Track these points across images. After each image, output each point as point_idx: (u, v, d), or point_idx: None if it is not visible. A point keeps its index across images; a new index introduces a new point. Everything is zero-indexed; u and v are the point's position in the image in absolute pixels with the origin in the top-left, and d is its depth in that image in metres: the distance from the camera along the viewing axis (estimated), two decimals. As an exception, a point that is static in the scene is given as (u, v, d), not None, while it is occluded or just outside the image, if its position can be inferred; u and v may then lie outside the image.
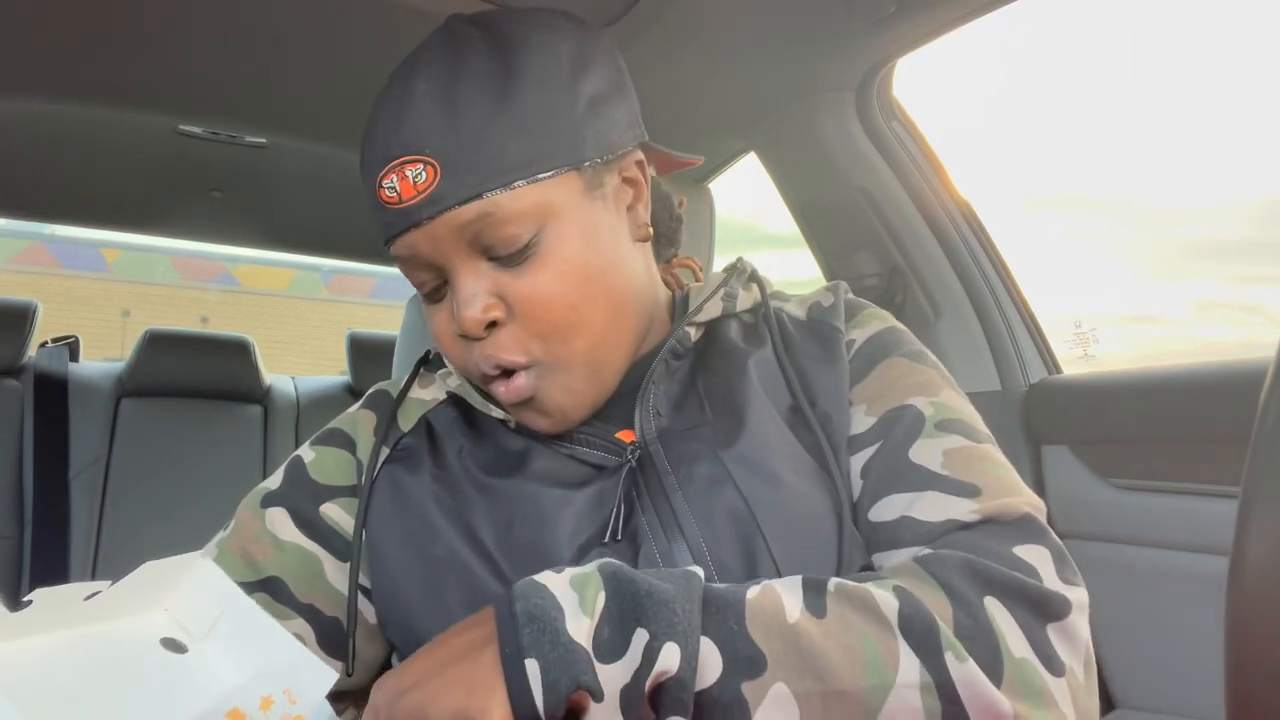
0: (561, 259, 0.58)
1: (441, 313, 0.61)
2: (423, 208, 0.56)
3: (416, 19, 1.11)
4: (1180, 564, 1.10)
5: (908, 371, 0.63)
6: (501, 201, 0.56)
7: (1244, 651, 0.34)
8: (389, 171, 0.57)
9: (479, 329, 0.58)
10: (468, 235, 0.57)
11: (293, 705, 0.45)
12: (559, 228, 0.58)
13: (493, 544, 0.60)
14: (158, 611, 0.49)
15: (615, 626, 0.44)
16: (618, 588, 0.45)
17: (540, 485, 0.61)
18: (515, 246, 0.57)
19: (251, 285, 12.95)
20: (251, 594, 0.62)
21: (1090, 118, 25.35)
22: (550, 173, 0.57)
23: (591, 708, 0.43)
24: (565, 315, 0.58)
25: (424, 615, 0.60)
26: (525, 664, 0.42)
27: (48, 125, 1.56)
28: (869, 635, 0.47)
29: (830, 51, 1.20)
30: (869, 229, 1.39)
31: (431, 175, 0.56)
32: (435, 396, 0.70)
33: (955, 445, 0.58)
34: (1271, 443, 0.34)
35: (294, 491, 0.66)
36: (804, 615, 0.47)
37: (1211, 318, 9.82)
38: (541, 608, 0.44)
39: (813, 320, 0.69)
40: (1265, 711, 0.32)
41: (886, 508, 0.57)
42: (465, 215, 0.56)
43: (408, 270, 0.61)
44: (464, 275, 0.58)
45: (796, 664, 0.45)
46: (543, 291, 0.57)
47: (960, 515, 0.54)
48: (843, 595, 0.48)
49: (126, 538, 2.04)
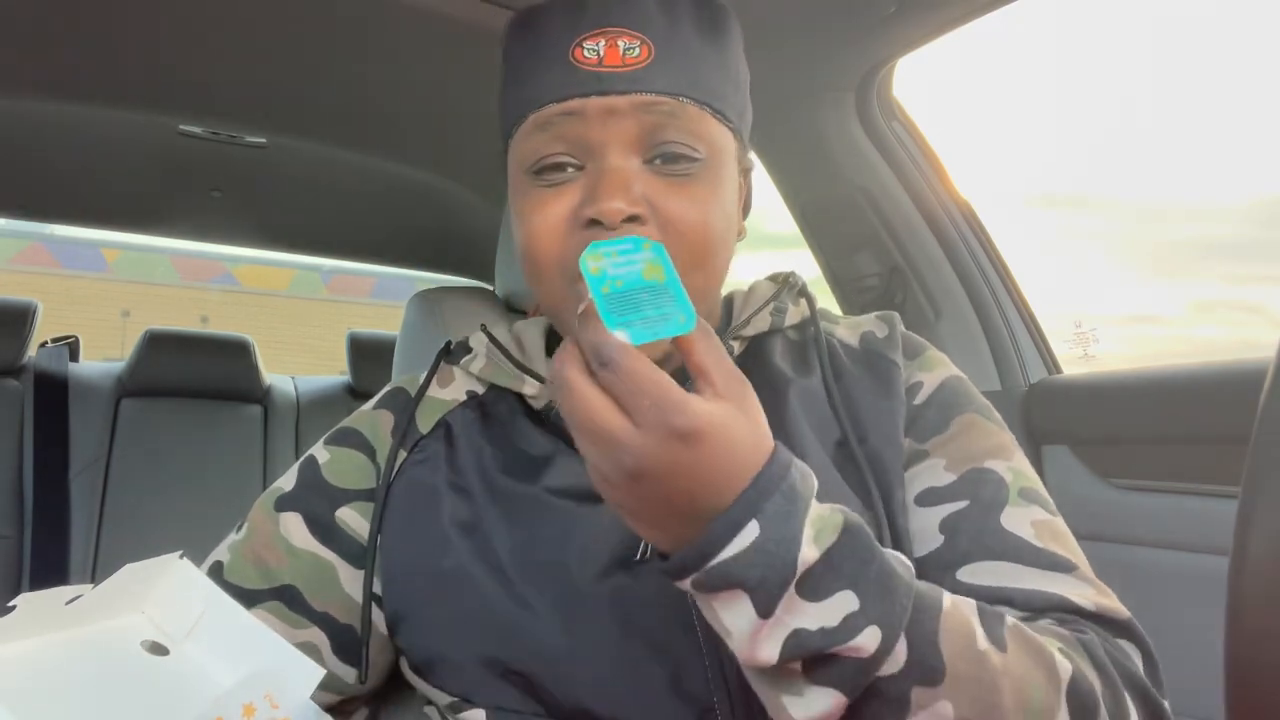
0: (714, 194, 0.59)
1: (559, 198, 0.58)
2: (622, 80, 0.56)
3: (417, 19, 1.11)
4: (1180, 564, 1.10)
5: (987, 432, 0.62)
6: (691, 112, 0.58)
7: (1244, 651, 0.34)
8: (599, 35, 0.57)
9: (618, 218, 0.54)
10: (645, 125, 0.57)
11: (275, 710, 0.45)
12: (717, 168, 0.59)
13: (508, 559, 0.58)
14: (137, 614, 0.49)
15: (823, 574, 0.42)
16: (848, 540, 0.43)
17: (562, 500, 0.59)
18: (681, 160, 0.57)
19: (251, 285, 12.95)
20: (265, 602, 0.62)
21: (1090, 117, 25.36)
22: (728, 120, 0.60)
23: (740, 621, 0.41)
24: (704, 245, 0.58)
25: (429, 629, 0.59)
26: (747, 522, 0.41)
27: (48, 125, 1.56)
28: (1039, 687, 0.46)
29: (830, 51, 1.20)
30: (869, 229, 1.38)
31: (646, 54, 0.57)
32: (455, 397, 0.68)
33: (1041, 518, 0.58)
34: (1271, 443, 0.34)
35: (308, 495, 0.65)
36: (990, 645, 0.46)
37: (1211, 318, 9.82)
38: (800, 493, 0.43)
39: (866, 351, 0.67)
40: (1265, 711, 0.32)
41: (982, 572, 0.56)
42: (658, 105, 0.57)
43: (543, 140, 0.58)
44: (620, 160, 0.57)
45: (970, 690, 0.44)
46: (694, 212, 0.57)
47: (1073, 597, 0.54)
48: (1021, 638, 0.47)
49: (126, 538, 2.04)
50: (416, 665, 0.61)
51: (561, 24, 0.58)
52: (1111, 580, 0.57)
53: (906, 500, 0.61)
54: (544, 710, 0.56)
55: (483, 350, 0.68)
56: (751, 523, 0.41)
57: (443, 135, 1.52)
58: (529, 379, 0.64)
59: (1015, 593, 0.54)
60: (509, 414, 0.66)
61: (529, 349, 0.69)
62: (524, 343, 0.69)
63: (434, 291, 1.17)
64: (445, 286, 1.19)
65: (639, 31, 0.57)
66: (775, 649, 0.42)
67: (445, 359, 0.71)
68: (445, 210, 1.91)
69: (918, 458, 0.62)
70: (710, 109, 0.59)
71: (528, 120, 0.59)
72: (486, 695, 0.57)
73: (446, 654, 0.58)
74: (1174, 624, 1.11)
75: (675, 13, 0.59)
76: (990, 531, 0.57)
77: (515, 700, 0.56)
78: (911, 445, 0.62)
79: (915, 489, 0.61)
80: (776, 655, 0.42)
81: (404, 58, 1.23)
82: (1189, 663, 0.98)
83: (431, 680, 0.60)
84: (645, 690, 0.54)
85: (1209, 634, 0.47)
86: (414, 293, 1.18)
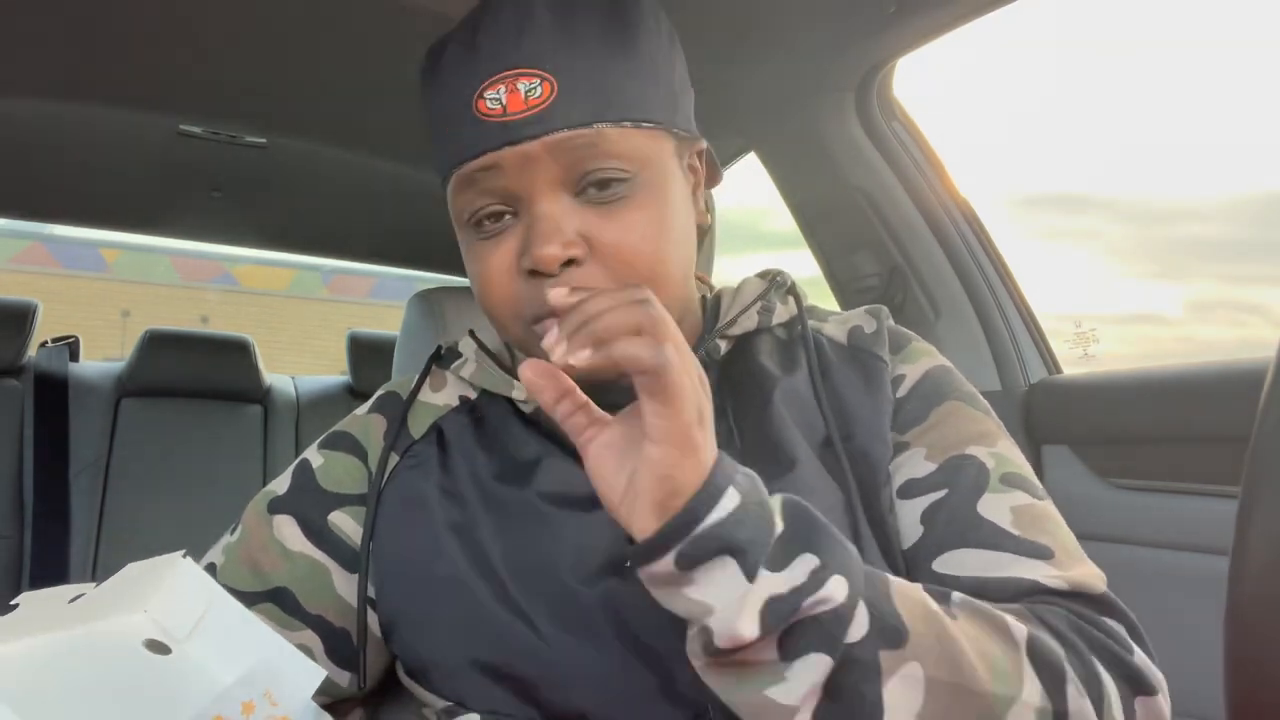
0: (652, 209, 0.57)
1: (498, 248, 0.57)
2: (529, 124, 0.54)
3: (416, 19, 1.11)
4: (1180, 564, 1.10)
5: (968, 419, 0.62)
6: (609, 135, 0.55)
7: (1244, 651, 0.34)
8: (497, 82, 0.55)
9: (555, 265, 0.54)
10: (564, 163, 0.55)
11: (274, 707, 0.45)
12: (652, 179, 0.57)
13: (500, 564, 0.58)
14: (139, 613, 0.49)
15: (782, 546, 0.43)
16: (795, 512, 0.45)
17: (553, 506, 0.59)
18: (612, 184, 0.55)
19: (251, 285, 12.95)
20: (259, 604, 0.62)
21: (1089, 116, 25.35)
22: (654, 124, 0.58)
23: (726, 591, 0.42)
24: (650, 266, 0.56)
25: (423, 633, 0.59)
26: (727, 488, 0.43)
27: (48, 125, 1.56)
28: (998, 646, 0.46)
29: (830, 51, 1.20)
30: (869, 229, 1.38)
31: (548, 92, 0.54)
32: (447, 402, 0.68)
33: (1021, 503, 0.57)
34: (1271, 443, 0.34)
35: (302, 499, 0.65)
36: (940, 609, 0.46)
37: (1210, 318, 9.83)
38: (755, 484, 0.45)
39: (854, 347, 0.66)
40: (1265, 711, 0.32)
41: (957, 561, 0.56)
42: (573, 140, 0.54)
43: (471, 196, 0.58)
44: (548, 204, 0.55)
45: (933, 649, 0.44)
46: (634, 236, 0.55)
47: (1044, 580, 0.53)
48: (970, 607, 0.48)
49: (126, 538, 2.04)
50: (411, 669, 0.61)
51: (460, 74, 0.57)
52: (1111, 580, 0.57)
53: (893, 495, 0.60)
54: (538, 714, 0.56)
55: (472, 355, 0.68)
56: (730, 488, 0.43)
57: (443, 135, 1.52)
58: (518, 383, 0.64)
59: (990, 581, 0.54)
60: (500, 419, 0.65)
61: (517, 354, 0.69)
62: (512, 348, 0.69)
63: (434, 291, 1.17)
64: (445, 286, 1.19)
65: (536, 69, 0.55)
66: (755, 620, 0.42)
67: (436, 364, 0.71)
68: (445, 211, 1.90)
69: (899, 449, 0.61)
70: (631, 122, 0.56)
71: (453, 176, 0.58)
72: (480, 699, 0.57)
73: (440, 658, 0.58)
74: (1174, 624, 1.11)
75: (573, 28, 0.56)
76: (965, 520, 0.57)
77: (509, 704, 0.56)
78: (894, 438, 0.62)
79: (898, 481, 0.60)
80: (757, 627, 0.42)
81: (403, 58, 1.23)
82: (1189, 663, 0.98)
83: (426, 684, 0.60)
84: (638, 694, 0.54)
85: (1209, 634, 0.47)
86: (414, 293, 1.18)
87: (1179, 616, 1.11)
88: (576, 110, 0.55)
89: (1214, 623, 0.35)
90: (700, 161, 0.65)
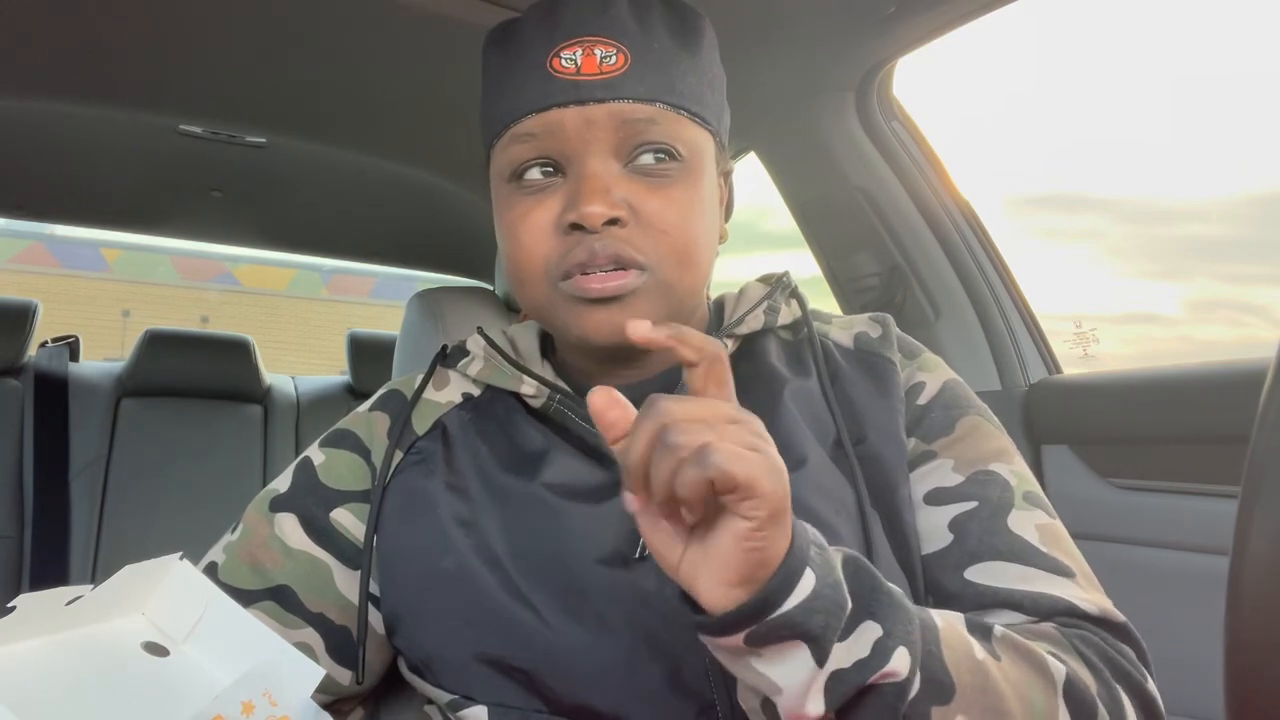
0: (694, 195, 0.60)
1: (540, 204, 0.59)
2: (600, 88, 0.57)
3: (416, 19, 1.11)
4: (1180, 564, 1.10)
5: (988, 435, 0.63)
6: (668, 117, 0.59)
7: (1244, 652, 0.34)
8: (575, 44, 0.58)
9: (599, 221, 0.56)
10: (623, 133, 0.58)
11: (274, 707, 0.45)
12: (695, 170, 0.60)
13: (506, 556, 0.58)
14: (137, 615, 0.49)
15: (855, 611, 0.42)
16: (856, 572, 0.44)
17: (560, 497, 0.60)
18: (667, 159, 0.58)
19: (251, 285, 12.96)
20: (260, 602, 0.62)
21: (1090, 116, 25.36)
22: (706, 123, 0.61)
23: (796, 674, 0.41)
24: (686, 243, 0.59)
25: (429, 628, 0.59)
26: (804, 570, 0.41)
27: (48, 125, 1.56)
28: (1037, 689, 0.47)
29: (830, 51, 1.20)
30: (869, 229, 1.38)
31: (622, 62, 0.58)
32: (450, 399, 0.68)
33: (1044, 521, 0.59)
34: (1271, 443, 0.34)
35: (304, 496, 0.65)
36: (987, 655, 0.47)
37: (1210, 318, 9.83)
38: (826, 556, 0.43)
39: (861, 351, 0.67)
40: (1265, 711, 0.32)
41: (990, 572, 0.57)
42: (635, 113, 0.57)
43: (522, 149, 0.59)
44: (598, 164, 0.58)
45: (979, 701, 0.45)
46: (674, 211, 0.58)
47: (1077, 601, 0.55)
48: (1011, 645, 0.48)
49: (126, 538, 2.04)
50: (416, 664, 0.61)
51: (538, 35, 0.59)
52: (1111, 580, 0.58)
53: (913, 498, 0.61)
54: (544, 707, 0.56)
55: (480, 353, 0.68)
56: (807, 570, 0.41)
57: (443, 135, 1.52)
58: (527, 379, 0.65)
59: (1022, 595, 0.55)
60: (505, 412, 0.66)
61: (524, 351, 0.69)
62: (519, 346, 0.70)
63: (434, 291, 1.17)
64: (445, 286, 1.19)
65: (615, 40, 0.58)
66: (821, 699, 0.41)
67: (441, 363, 0.71)
68: (445, 210, 1.91)
69: (925, 458, 0.62)
70: (687, 113, 0.60)
71: (508, 130, 0.60)
72: (487, 692, 0.57)
73: (446, 652, 0.58)
74: (1174, 624, 1.11)
75: (649, 20, 0.60)
76: (997, 533, 0.58)
77: (516, 697, 0.56)
78: (918, 445, 0.63)
79: (923, 488, 0.61)
80: (823, 705, 0.41)
81: (403, 58, 1.23)
82: (1189, 663, 0.98)
83: (431, 679, 0.60)
84: (645, 686, 0.54)
85: (1209, 634, 0.47)
86: (414, 293, 1.19)
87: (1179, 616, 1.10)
88: (645, 85, 0.58)
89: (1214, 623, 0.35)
90: (726, 181, 0.67)
